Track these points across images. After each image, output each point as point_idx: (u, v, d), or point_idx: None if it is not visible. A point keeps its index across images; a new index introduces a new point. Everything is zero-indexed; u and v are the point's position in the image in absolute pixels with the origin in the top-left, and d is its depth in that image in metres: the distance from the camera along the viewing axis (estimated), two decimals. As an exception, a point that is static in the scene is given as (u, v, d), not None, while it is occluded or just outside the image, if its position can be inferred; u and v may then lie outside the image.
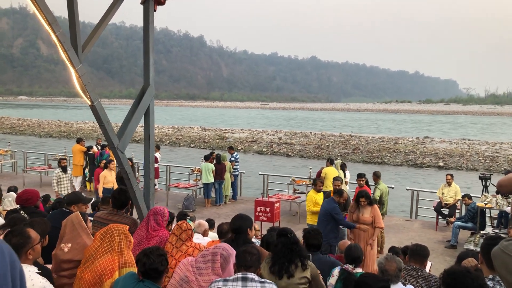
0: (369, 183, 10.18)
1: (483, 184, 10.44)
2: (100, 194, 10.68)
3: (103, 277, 3.16)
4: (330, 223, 7.34)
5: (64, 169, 11.62)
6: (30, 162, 18.69)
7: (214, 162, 13.09)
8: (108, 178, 11.12)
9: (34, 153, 20.98)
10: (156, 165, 14.17)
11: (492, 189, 10.38)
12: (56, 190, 11.30)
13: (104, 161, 12.28)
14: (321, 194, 9.08)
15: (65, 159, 12.33)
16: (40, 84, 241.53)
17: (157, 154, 14.69)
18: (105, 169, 11.38)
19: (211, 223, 7.23)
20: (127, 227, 3.50)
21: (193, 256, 3.76)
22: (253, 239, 5.55)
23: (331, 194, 8.44)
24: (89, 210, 8.84)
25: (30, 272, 2.81)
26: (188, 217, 6.86)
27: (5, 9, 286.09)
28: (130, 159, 11.72)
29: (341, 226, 7.65)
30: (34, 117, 63.83)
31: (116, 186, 10.81)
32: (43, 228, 3.55)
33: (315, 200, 8.76)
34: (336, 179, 8.82)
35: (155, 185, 14.78)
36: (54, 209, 5.86)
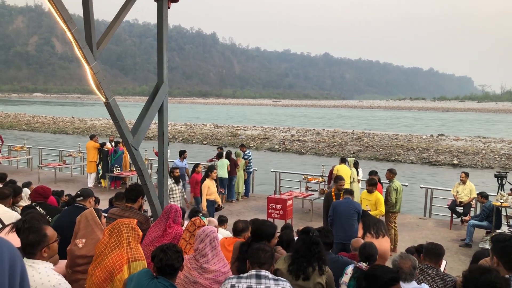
0: (381, 181, 10.10)
1: (499, 182, 10.29)
2: (204, 207, 9.51)
3: (114, 273, 3.19)
4: (356, 223, 7.10)
5: (177, 180, 10.07)
6: (45, 159, 18.92)
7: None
8: (212, 189, 9.81)
9: (49, 149, 21.24)
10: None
11: (508, 188, 10.24)
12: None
13: (200, 167, 11.48)
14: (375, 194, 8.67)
15: (178, 168, 10.73)
16: (54, 81, 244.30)
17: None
18: (207, 178, 9.95)
19: (222, 219, 7.25)
20: (135, 220, 3.52)
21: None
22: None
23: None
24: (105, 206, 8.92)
25: (46, 268, 2.83)
26: (200, 214, 6.87)
27: (21, 7, 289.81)
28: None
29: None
30: (49, 114, 64.58)
31: (218, 199, 9.94)
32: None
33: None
34: (339, 178, 8.73)
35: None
36: (68, 205, 5.93)
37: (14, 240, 2.87)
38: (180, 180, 10.28)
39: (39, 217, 3.73)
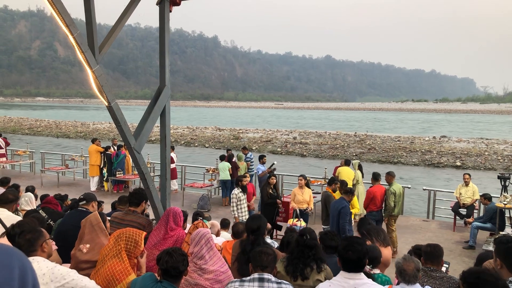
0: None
1: (502, 184, 10.25)
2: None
3: (113, 282, 3.18)
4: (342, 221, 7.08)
5: (244, 189, 9.13)
6: (48, 163, 18.96)
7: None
8: (299, 197, 9.25)
9: (51, 153, 21.27)
10: (172, 165, 14.22)
11: (512, 189, 10.20)
12: (236, 215, 8.81)
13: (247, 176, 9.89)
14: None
15: (246, 176, 9.65)
16: (57, 85, 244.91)
17: (173, 154, 14.70)
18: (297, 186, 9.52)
19: (226, 222, 7.24)
20: (144, 233, 3.50)
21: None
22: (268, 240, 5.54)
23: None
24: (108, 210, 8.95)
25: (45, 261, 2.95)
26: (200, 217, 6.85)
27: (23, 12, 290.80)
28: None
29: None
30: (52, 118, 64.71)
31: (306, 205, 9.29)
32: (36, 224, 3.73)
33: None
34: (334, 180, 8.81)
35: (175, 187, 14.83)
36: (71, 209, 5.94)
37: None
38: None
39: (30, 221, 3.82)
